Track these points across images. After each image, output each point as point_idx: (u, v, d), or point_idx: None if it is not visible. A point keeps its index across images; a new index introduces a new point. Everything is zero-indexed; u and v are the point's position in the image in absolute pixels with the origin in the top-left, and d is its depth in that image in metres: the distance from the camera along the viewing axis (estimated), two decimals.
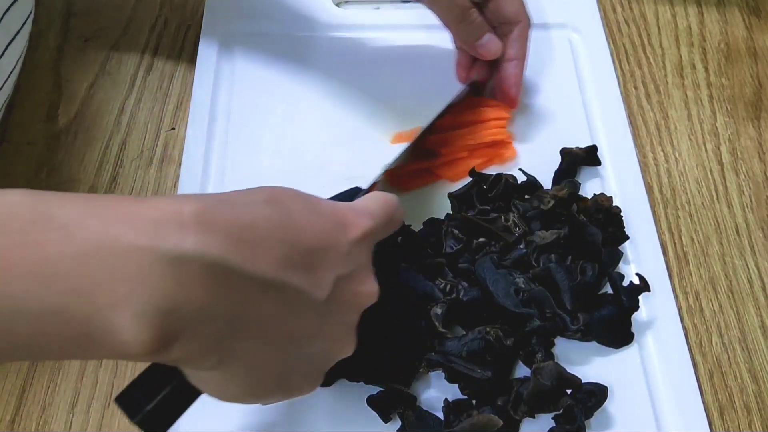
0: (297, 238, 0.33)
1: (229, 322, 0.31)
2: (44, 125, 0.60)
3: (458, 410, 0.46)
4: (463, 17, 0.55)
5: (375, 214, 0.39)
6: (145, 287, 0.28)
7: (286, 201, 0.35)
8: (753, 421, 0.49)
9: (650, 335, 0.50)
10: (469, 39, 0.56)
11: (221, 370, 0.32)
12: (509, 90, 0.57)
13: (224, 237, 0.30)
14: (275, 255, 0.32)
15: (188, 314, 0.29)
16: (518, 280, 0.49)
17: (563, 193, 0.52)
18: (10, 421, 0.47)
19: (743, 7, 0.71)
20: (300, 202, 0.35)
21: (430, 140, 0.57)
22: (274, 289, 0.32)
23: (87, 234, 0.28)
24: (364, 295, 0.38)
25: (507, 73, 0.57)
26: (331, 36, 0.65)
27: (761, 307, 0.53)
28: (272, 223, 0.33)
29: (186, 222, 0.29)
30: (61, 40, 0.66)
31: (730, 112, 0.64)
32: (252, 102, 0.61)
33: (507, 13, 0.56)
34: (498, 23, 0.57)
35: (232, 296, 0.30)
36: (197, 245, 0.29)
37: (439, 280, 0.50)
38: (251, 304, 0.31)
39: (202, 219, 0.30)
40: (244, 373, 0.33)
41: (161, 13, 0.68)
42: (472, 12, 0.55)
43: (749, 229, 0.57)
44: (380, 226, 0.39)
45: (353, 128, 0.60)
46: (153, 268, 0.28)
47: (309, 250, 0.34)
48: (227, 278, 0.30)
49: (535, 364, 0.46)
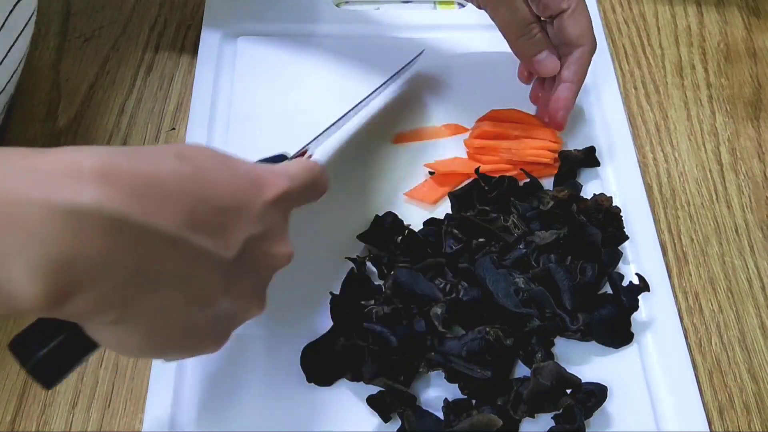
0: (206, 194, 0.33)
1: (129, 278, 0.30)
2: (44, 125, 0.60)
3: (458, 410, 0.46)
4: (524, 31, 0.54)
5: (294, 176, 0.38)
6: (38, 240, 0.27)
7: (198, 157, 0.34)
8: (752, 421, 0.49)
9: (650, 335, 0.50)
10: (527, 53, 0.55)
11: (121, 325, 0.31)
12: (556, 113, 0.56)
13: (125, 190, 0.29)
14: (181, 210, 0.31)
15: (84, 268, 0.28)
16: (518, 280, 0.49)
17: (563, 195, 0.52)
18: (10, 421, 0.47)
19: (743, 7, 0.71)
20: (214, 159, 0.35)
21: (473, 145, 0.57)
22: (178, 246, 0.31)
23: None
24: (277, 256, 0.37)
25: (557, 95, 0.56)
26: (331, 36, 0.65)
27: (760, 307, 0.53)
28: (180, 178, 0.32)
29: (84, 175, 0.29)
30: (61, 40, 0.66)
31: (730, 113, 0.64)
32: (252, 102, 0.61)
33: (570, 34, 0.54)
34: (560, 43, 0.55)
35: (132, 251, 0.30)
36: (94, 198, 0.28)
37: (439, 280, 0.50)
38: (153, 260, 0.31)
39: (102, 172, 0.29)
40: (145, 329, 0.32)
41: (161, 13, 0.68)
42: (532, 26, 0.54)
43: (749, 229, 0.57)
44: (299, 188, 0.39)
45: (353, 128, 0.60)
46: (47, 221, 0.28)
47: (219, 207, 0.33)
48: (127, 232, 0.29)
49: (535, 364, 0.46)
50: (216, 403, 0.47)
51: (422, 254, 0.51)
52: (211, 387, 0.47)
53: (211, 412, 0.47)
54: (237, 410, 0.46)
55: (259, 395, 0.47)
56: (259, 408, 0.46)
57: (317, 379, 0.47)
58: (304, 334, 0.49)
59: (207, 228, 0.33)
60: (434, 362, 0.46)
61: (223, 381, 0.47)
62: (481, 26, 0.59)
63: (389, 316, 0.47)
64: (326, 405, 0.47)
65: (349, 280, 0.51)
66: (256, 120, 0.60)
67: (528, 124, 0.58)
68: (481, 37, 0.65)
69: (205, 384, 0.47)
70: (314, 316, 0.50)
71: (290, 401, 0.47)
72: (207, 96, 0.61)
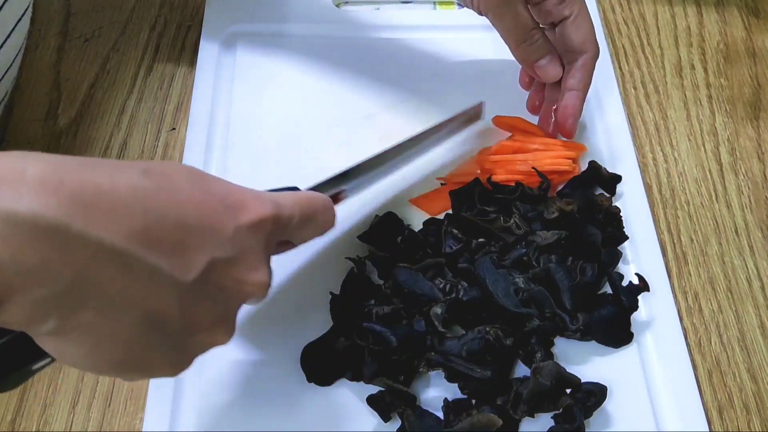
0: (168, 211, 0.32)
1: (67, 288, 0.29)
2: (44, 125, 0.60)
3: (458, 410, 0.46)
4: (525, 37, 0.54)
5: (284, 206, 0.38)
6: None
7: (170, 175, 0.33)
8: (752, 420, 0.49)
9: (649, 335, 0.50)
10: (529, 59, 0.55)
11: (62, 336, 0.31)
12: (564, 121, 0.56)
13: (67, 200, 0.29)
14: (132, 225, 0.30)
15: (16, 275, 0.28)
16: (518, 280, 0.49)
17: (570, 208, 0.52)
18: (10, 421, 0.47)
19: (742, 7, 0.71)
20: (189, 179, 0.34)
21: (488, 161, 0.56)
22: (126, 261, 0.30)
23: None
24: (248, 284, 0.36)
25: (565, 103, 0.55)
26: (331, 36, 0.65)
27: (760, 307, 0.54)
28: (137, 193, 0.31)
29: (26, 181, 0.28)
30: (61, 40, 0.66)
31: (729, 113, 0.64)
32: (253, 102, 0.61)
33: (573, 40, 0.54)
34: (563, 50, 0.55)
35: (70, 261, 0.29)
36: (32, 206, 0.28)
37: (438, 280, 0.50)
38: (95, 272, 0.30)
39: (45, 179, 0.29)
40: (89, 343, 0.31)
41: (161, 13, 0.68)
42: (534, 32, 0.54)
43: (748, 229, 0.57)
44: (288, 219, 0.38)
45: (353, 129, 0.60)
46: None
47: (181, 226, 0.32)
48: (66, 243, 0.29)
49: (535, 364, 0.46)
50: (216, 404, 0.47)
51: (422, 254, 0.51)
52: (211, 387, 0.47)
53: (211, 412, 0.47)
54: (237, 410, 0.47)
55: (259, 395, 0.47)
56: (259, 408, 0.47)
57: (317, 379, 0.47)
58: (304, 334, 0.49)
59: (163, 246, 0.32)
60: (434, 362, 0.46)
61: (223, 381, 0.47)
62: (481, 27, 0.59)
63: (389, 315, 0.47)
64: (326, 405, 0.47)
65: (349, 279, 0.51)
66: (257, 120, 0.60)
67: (536, 134, 0.58)
68: (481, 37, 0.65)
69: (205, 384, 0.47)
70: (314, 316, 0.50)
71: (290, 401, 0.47)
72: (207, 96, 0.61)
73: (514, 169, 0.56)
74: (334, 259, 0.52)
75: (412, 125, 0.60)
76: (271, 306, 0.51)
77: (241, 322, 0.50)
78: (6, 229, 0.28)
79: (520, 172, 0.56)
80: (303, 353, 0.48)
